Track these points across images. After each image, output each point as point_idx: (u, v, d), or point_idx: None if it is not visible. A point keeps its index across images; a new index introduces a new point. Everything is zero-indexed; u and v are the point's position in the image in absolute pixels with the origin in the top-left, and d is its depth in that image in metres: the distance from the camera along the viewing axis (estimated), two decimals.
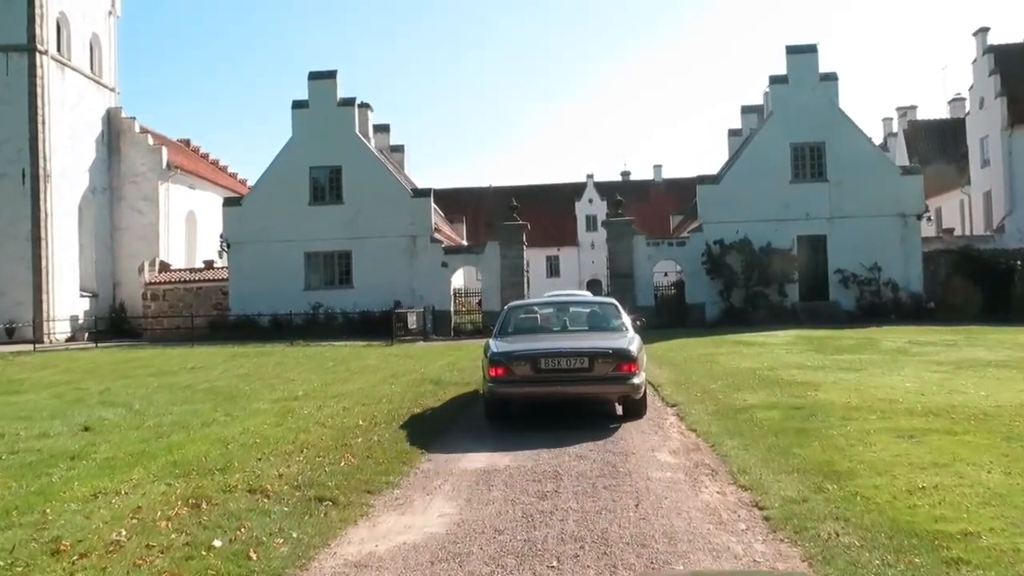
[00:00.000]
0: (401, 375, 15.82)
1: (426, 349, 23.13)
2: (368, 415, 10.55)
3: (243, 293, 33.07)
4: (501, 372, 9.99)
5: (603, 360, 9.96)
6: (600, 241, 70.44)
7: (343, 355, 20.91)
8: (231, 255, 33.83)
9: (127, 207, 40.82)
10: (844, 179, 31.80)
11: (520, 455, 8.23)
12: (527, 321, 12.34)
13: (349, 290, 32.90)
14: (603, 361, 9.95)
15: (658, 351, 20.23)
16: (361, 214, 32.99)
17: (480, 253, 33.25)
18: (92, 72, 39.68)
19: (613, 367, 9.92)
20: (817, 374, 14.12)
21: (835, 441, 8.11)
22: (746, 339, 22.52)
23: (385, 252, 32.79)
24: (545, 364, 9.92)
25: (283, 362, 19.40)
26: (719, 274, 31.58)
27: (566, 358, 9.97)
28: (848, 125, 32.18)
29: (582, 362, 9.91)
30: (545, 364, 9.92)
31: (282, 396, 12.88)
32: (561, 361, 9.93)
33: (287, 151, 33.60)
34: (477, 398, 12.73)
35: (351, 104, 33.67)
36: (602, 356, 10.02)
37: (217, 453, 8.15)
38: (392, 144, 43.20)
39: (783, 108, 32.43)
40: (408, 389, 13.50)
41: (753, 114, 40.95)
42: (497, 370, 10.01)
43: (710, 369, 15.53)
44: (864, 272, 31.56)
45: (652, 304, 32.32)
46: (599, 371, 9.89)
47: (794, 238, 31.91)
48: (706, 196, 32.74)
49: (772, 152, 32.19)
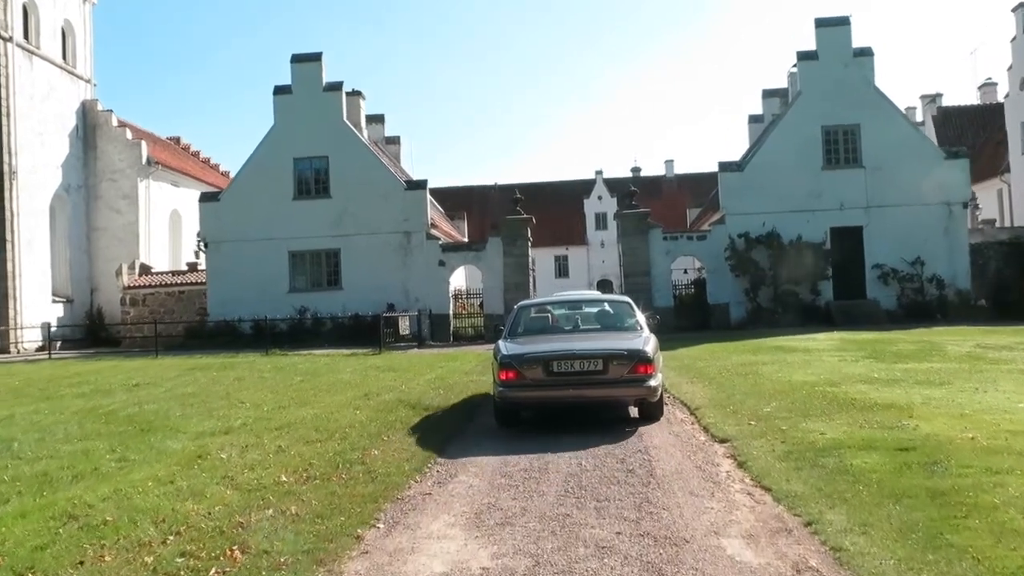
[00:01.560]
0: (374, 394, 12.91)
1: (417, 359, 20.22)
2: (303, 463, 7.62)
3: (222, 297, 30.27)
4: (512, 376, 9.59)
5: (618, 362, 9.57)
6: (610, 240, 67.64)
7: (318, 367, 18.02)
8: (209, 255, 31.01)
9: (104, 206, 38.08)
10: (882, 165, 28.75)
11: (506, 546, 5.29)
12: (538, 321, 11.89)
13: (338, 292, 30.05)
14: (618, 363, 9.56)
15: (685, 359, 17.27)
16: (350, 209, 30.14)
17: (481, 250, 30.32)
18: (65, 62, 36.95)
19: (628, 369, 9.54)
20: (895, 391, 11.14)
21: (1002, 516, 5.17)
22: (784, 344, 19.53)
23: (377, 250, 29.93)
24: (557, 367, 9.52)
25: (244, 377, 16.52)
26: (744, 271, 28.57)
27: (579, 360, 9.55)
28: (885, 105, 29.14)
29: (596, 364, 9.51)
30: (557, 367, 9.52)
31: (211, 428, 9.98)
32: (574, 363, 9.52)
33: (269, 141, 30.77)
34: (461, 430, 9.85)
35: (338, 89, 30.78)
36: (617, 357, 9.62)
37: (31, 545, 5.24)
38: (387, 136, 40.32)
39: (813, 87, 29.39)
40: (375, 416, 10.57)
41: (775, 98, 37.96)
42: (508, 373, 9.61)
43: (756, 384, 12.56)
44: (905, 267, 28.52)
45: (671, 305, 29.36)
46: (614, 373, 9.52)
47: (827, 230, 28.87)
48: (729, 184, 29.73)
49: (802, 136, 29.17)
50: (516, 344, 10.44)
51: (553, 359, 9.60)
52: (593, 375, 9.51)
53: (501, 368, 9.73)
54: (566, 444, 8.63)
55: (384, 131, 40.16)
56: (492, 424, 10.14)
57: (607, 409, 10.82)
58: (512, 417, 10.06)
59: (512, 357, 9.78)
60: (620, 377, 9.55)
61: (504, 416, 10.03)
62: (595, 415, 10.69)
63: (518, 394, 9.66)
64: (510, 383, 9.60)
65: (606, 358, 9.58)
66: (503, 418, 10.06)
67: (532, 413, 10.57)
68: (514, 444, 8.92)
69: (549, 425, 10.02)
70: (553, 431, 9.66)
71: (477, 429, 9.94)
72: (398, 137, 40.77)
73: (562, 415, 10.58)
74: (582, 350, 9.80)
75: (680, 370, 15.43)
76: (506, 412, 9.98)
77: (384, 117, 40.21)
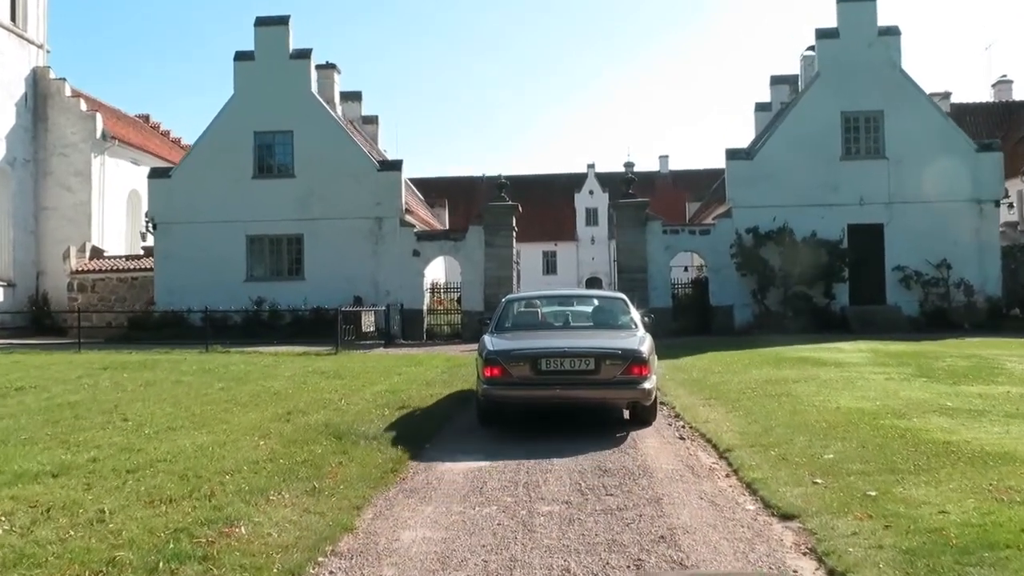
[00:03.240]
0: (300, 414, 9.90)
1: (377, 361, 17.21)
2: (106, 555, 4.58)
3: (171, 285, 27.16)
4: (497, 373, 9.06)
5: (611, 362, 9.04)
6: (601, 236, 64.97)
7: (253, 370, 14.99)
8: (157, 238, 27.89)
9: (55, 183, 34.82)
10: (906, 156, 25.92)
11: None
12: (527, 316, 11.46)
13: (300, 283, 26.99)
14: (611, 363, 9.04)
15: (693, 371, 14.35)
16: (316, 190, 27.08)
17: (460, 240, 27.30)
18: (14, 24, 33.66)
19: (622, 370, 9.02)
20: (991, 429, 8.23)
21: None
22: (807, 355, 16.61)
23: (344, 237, 26.87)
24: (546, 365, 9.01)
25: (157, 381, 13.48)
26: (751, 270, 25.68)
27: (569, 359, 9.03)
28: (912, 90, 26.30)
29: (587, 363, 9.00)
30: (546, 365, 9.01)
31: (41, 466, 6.95)
32: (564, 362, 9.02)
33: (227, 113, 27.66)
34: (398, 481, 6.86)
35: (306, 57, 27.69)
36: (610, 357, 9.10)
37: None
38: (364, 115, 37.19)
39: (833, 69, 26.51)
40: (282, 452, 7.55)
41: (784, 85, 35.13)
42: (492, 370, 9.08)
43: (796, 412, 9.62)
44: (930, 270, 25.71)
45: (669, 305, 26.46)
46: (606, 374, 9.01)
47: (844, 227, 26.01)
48: (736, 174, 26.82)
49: (819, 122, 26.29)
50: (503, 339, 9.85)
51: (542, 356, 9.04)
52: (584, 375, 8.98)
53: (486, 364, 9.14)
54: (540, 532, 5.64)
55: (361, 110, 37.02)
56: (442, 473, 7.20)
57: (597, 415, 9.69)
58: (496, 417, 9.52)
59: (498, 353, 9.23)
60: (613, 378, 9.00)
61: (487, 416, 9.54)
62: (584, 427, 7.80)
63: (503, 393, 9.09)
64: (495, 381, 9.03)
65: (598, 357, 9.01)
66: (486, 418, 9.56)
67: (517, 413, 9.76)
68: (471, 512, 5.94)
69: (519, 489, 7.03)
70: (526, 500, 6.69)
71: (419, 483, 6.92)
72: (376, 117, 37.61)
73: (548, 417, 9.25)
74: (573, 348, 9.20)
75: (691, 387, 12.50)
76: (489, 411, 9.46)
77: (361, 95, 37.11)
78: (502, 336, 10.08)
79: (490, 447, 8.32)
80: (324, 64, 33.27)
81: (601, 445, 8.32)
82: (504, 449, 8.20)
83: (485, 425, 9.51)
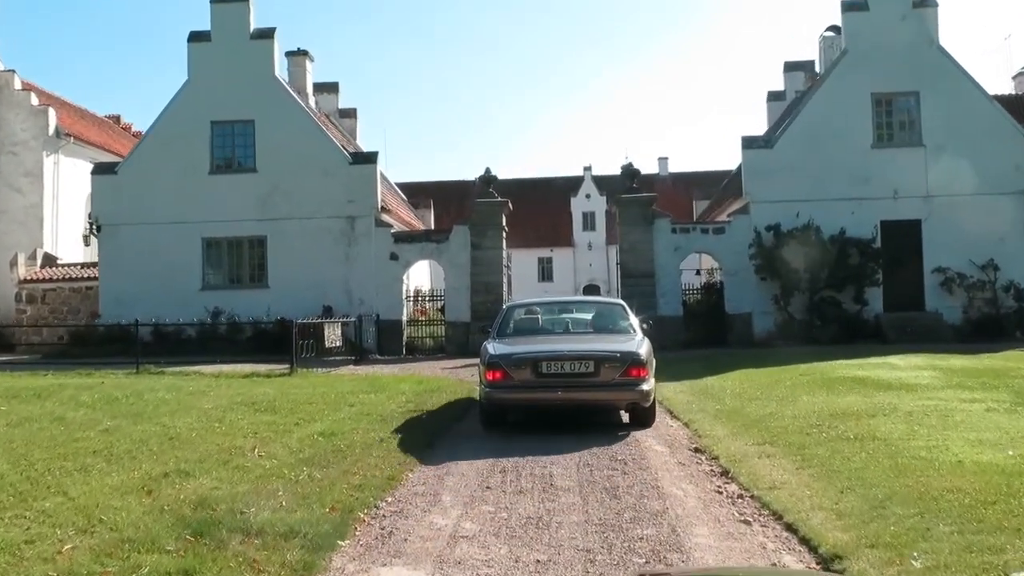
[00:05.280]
0: (181, 476, 6.80)
1: (332, 385, 14.08)
2: None
3: (118, 294, 24.03)
4: (499, 376, 9.35)
5: (610, 364, 9.29)
6: (598, 241, 61.91)
7: (170, 401, 11.85)
8: (102, 242, 24.80)
9: (2, 184, 31.59)
10: (946, 143, 22.91)
11: None
12: (528, 321, 11.49)
13: (263, 291, 23.86)
14: (610, 365, 9.28)
15: (725, 396, 11.32)
16: (281, 186, 23.98)
17: (443, 242, 24.18)
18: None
19: (621, 372, 9.25)
20: None
21: None
22: (857, 372, 13.48)
23: (313, 239, 23.78)
24: (547, 368, 9.29)
25: (34, 418, 10.37)
26: (772, 273, 22.62)
27: (569, 362, 9.31)
28: (951, 68, 23.31)
29: (587, 366, 9.27)
30: (547, 368, 9.29)
31: None
32: (564, 365, 9.30)
33: (181, 101, 24.56)
34: None
35: (269, 37, 24.59)
36: (609, 360, 9.34)
37: None
38: (342, 108, 34.09)
39: (861, 46, 23.49)
40: (85, 571, 4.44)
41: (799, 72, 32.10)
42: (495, 374, 9.37)
43: (900, 471, 6.54)
44: (974, 272, 22.68)
45: (679, 314, 23.41)
46: (605, 376, 9.26)
47: (876, 224, 22.97)
48: (754, 165, 23.79)
49: (846, 106, 23.28)
50: (504, 344, 10.16)
51: (542, 360, 9.39)
52: (584, 377, 9.29)
53: (488, 368, 9.49)
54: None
55: (338, 102, 33.92)
56: None
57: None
58: (498, 419, 9.80)
59: (500, 357, 9.54)
60: (612, 380, 9.28)
61: (490, 419, 9.79)
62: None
63: (505, 395, 9.46)
64: (497, 384, 9.38)
65: (598, 360, 9.33)
66: (489, 420, 9.80)
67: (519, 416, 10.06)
68: None
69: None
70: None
71: None
72: (354, 110, 34.42)
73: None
74: (573, 351, 9.62)
75: (730, 422, 9.46)
76: (492, 414, 9.75)
77: (338, 86, 33.97)
78: (504, 341, 10.26)
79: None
80: (296, 51, 30.28)
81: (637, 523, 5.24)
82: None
83: (488, 428, 9.62)
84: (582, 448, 8.31)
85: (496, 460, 7.94)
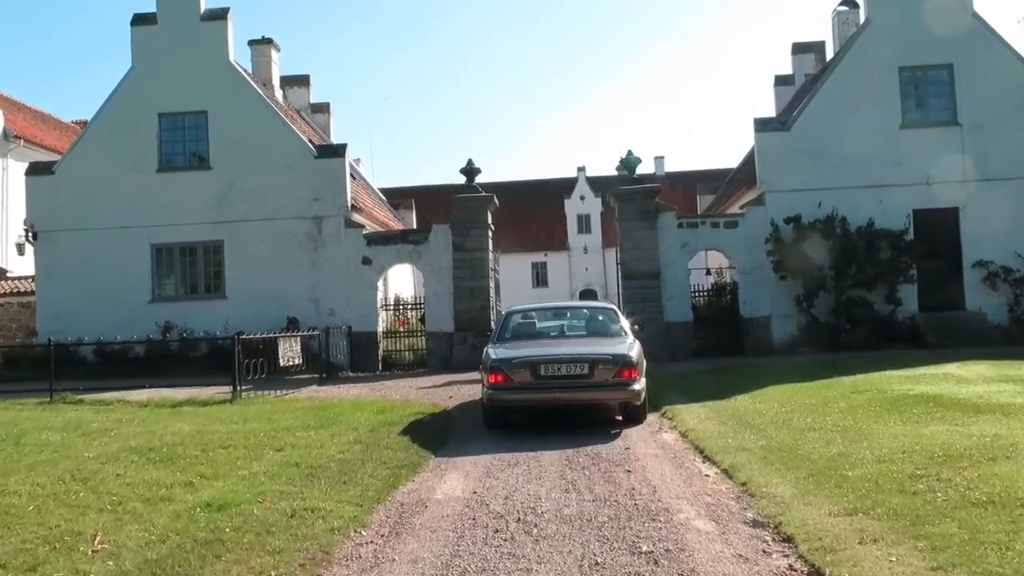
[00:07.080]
0: None
1: (272, 416, 11.35)
2: None
3: (56, 308, 21.37)
4: (500, 379, 9.91)
5: (603, 366, 9.87)
6: (594, 245, 59.26)
7: (59, 442, 9.19)
8: (38, 250, 22.10)
9: None
10: (986, 121, 20.37)
11: None
12: (526, 327, 12.02)
13: (220, 302, 21.22)
14: (603, 367, 9.86)
15: (767, 426, 8.72)
16: (238, 184, 21.37)
17: (421, 243, 21.50)
18: None
19: (613, 373, 9.85)
20: None
21: None
22: (917, 387, 10.82)
23: (275, 242, 21.15)
24: (545, 370, 9.85)
25: None
26: (793, 271, 19.99)
27: (566, 364, 9.89)
28: (989, 38, 20.77)
29: (582, 368, 9.84)
30: (545, 370, 9.85)
31: None
32: (561, 367, 9.86)
33: (124, 91, 21.88)
34: None
35: (222, 18, 21.92)
36: (602, 362, 9.90)
37: None
38: (313, 102, 31.44)
39: (886, 14, 20.94)
40: None
41: (809, 53, 29.63)
42: (496, 376, 9.93)
43: None
44: (1021, 266, 20.14)
45: (689, 319, 20.79)
46: (599, 377, 9.83)
47: (908, 213, 20.39)
48: (769, 149, 21.20)
49: (871, 82, 20.71)
50: (505, 348, 10.61)
51: (541, 363, 9.89)
52: (579, 379, 9.79)
53: (490, 372, 9.95)
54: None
55: (310, 96, 31.28)
56: None
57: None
58: (500, 419, 10.31)
59: (501, 361, 10.01)
60: (605, 381, 9.81)
61: (492, 419, 10.28)
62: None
63: (506, 396, 9.98)
64: (498, 386, 9.88)
65: (592, 362, 9.85)
66: (492, 420, 10.29)
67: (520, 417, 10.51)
68: None
69: None
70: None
71: None
72: (327, 104, 31.68)
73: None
74: (569, 354, 10.16)
75: (783, 465, 6.84)
76: (494, 414, 10.25)
77: (309, 79, 31.29)
78: (503, 345, 10.82)
79: None
80: (260, 39, 27.75)
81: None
82: None
83: (491, 427, 10.17)
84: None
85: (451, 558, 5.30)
